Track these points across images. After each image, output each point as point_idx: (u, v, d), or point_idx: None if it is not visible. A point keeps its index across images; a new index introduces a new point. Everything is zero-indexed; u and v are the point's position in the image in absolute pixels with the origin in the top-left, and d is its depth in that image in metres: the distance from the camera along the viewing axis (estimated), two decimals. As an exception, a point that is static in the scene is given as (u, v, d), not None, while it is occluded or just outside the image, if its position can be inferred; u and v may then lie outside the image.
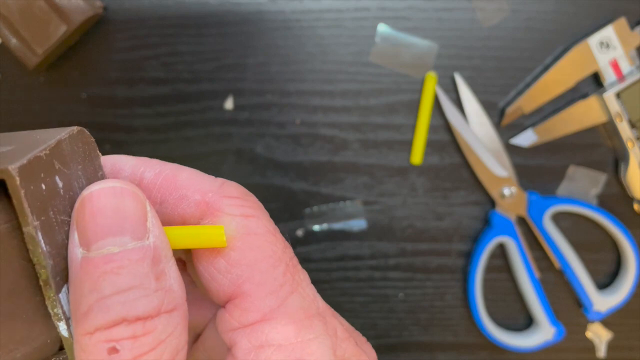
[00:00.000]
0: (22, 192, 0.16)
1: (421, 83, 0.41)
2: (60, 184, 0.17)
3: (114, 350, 0.15)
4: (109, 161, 0.20)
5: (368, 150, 0.42)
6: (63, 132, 0.18)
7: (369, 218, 0.43)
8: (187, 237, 0.19)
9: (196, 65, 0.41)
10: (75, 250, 0.16)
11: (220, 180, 0.19)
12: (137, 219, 0.16)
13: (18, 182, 0.16)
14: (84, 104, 0.41)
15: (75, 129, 0.18)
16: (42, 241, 0.17)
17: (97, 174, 0.19)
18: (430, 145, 0.42)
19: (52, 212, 0.17)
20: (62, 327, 0.18)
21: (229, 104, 0.42)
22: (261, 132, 0.42)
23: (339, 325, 0.20)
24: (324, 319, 0.19)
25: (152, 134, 0.42)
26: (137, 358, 0.16)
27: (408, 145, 0.42)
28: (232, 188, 0.19)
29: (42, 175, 0.17)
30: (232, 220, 0.18)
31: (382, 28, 0.41)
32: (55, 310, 0.18)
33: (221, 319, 0.19)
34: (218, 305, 0.19)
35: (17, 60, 0.39)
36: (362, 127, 0.42)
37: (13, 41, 0.38)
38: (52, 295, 0.17)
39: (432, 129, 0.42)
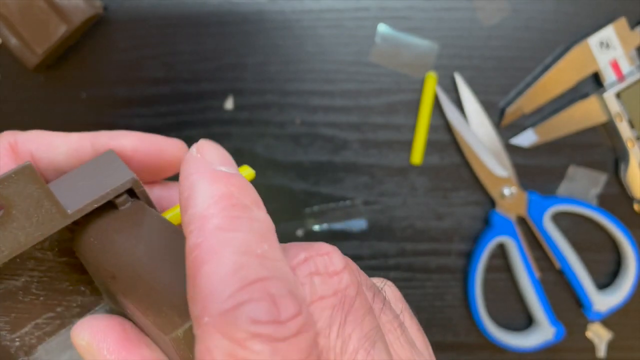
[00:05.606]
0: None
1: (421, 83, 0.41)
2: None
3: None
4: None
5: (368, 150, 0.42)
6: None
7: (369, 218, 0.43)
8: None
9: (196, 65, 0.41)
10: None
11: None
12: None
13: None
14: (84, 104, 0.41)
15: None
16: None
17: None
18: (430, 145, 0.42)
19: None
20: None
21: (229, 103, 0.42)
22: (261, 132, 0.42)
23: None
24: None
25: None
26: None
27: (408, 145, 0.42)
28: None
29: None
30: None
31: (382, 28, 0.41)
32: None
33: None
34: None
35: (17, 60, 0.39)
36: (362, 127, 0.42)
37: (13, 41, 0.38)
38: None
39: (432, 129, 0.42)
